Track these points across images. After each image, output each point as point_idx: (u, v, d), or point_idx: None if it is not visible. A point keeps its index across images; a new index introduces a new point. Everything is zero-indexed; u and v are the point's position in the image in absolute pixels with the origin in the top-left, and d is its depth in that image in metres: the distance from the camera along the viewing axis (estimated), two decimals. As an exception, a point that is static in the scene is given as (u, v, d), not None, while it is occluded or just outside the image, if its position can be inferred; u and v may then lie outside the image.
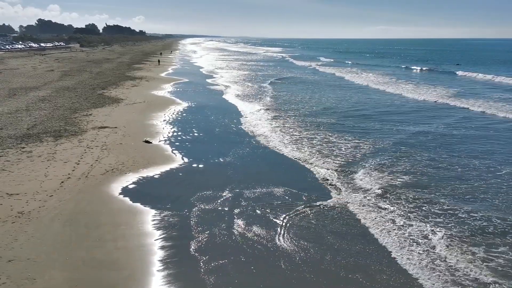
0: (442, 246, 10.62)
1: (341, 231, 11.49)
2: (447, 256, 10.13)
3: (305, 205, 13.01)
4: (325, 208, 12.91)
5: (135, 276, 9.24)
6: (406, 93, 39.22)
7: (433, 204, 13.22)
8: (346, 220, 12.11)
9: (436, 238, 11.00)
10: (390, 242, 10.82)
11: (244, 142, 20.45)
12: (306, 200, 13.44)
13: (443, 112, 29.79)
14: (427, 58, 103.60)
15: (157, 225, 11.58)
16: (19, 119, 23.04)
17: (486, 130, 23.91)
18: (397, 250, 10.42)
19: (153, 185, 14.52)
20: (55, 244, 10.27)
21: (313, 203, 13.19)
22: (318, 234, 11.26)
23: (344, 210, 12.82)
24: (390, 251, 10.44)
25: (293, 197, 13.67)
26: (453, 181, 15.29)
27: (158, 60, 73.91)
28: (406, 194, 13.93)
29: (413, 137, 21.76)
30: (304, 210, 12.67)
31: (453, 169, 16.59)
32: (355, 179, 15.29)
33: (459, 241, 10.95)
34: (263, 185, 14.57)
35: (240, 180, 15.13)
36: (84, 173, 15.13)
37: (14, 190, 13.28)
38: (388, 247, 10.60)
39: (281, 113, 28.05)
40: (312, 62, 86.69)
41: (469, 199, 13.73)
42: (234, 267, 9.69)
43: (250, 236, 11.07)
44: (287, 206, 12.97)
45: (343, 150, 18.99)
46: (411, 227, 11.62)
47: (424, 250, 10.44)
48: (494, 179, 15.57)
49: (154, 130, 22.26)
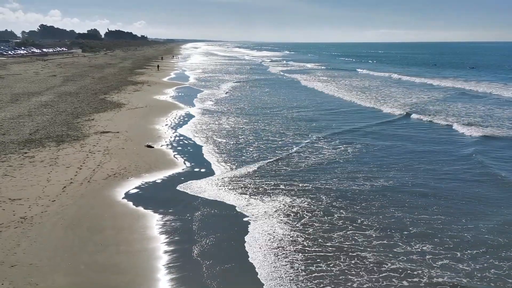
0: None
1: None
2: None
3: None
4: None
5: (138, 280, 9.22)
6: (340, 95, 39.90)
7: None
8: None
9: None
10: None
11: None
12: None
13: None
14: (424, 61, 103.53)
15: (159, 230, 11.58)
16: (21, 125, 23.11)
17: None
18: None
19: (156, 189, 14.52)
20: (57, 249, 10.26)
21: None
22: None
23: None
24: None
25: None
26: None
27: (158, 66, 71.23)
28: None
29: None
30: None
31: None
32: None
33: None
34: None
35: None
36: (87, 178, 15.14)
37: (16, 195, 13.29)
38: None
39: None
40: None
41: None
42: (237, 270, 9.69)
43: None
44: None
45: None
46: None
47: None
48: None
49: (156, 135, 22.30)
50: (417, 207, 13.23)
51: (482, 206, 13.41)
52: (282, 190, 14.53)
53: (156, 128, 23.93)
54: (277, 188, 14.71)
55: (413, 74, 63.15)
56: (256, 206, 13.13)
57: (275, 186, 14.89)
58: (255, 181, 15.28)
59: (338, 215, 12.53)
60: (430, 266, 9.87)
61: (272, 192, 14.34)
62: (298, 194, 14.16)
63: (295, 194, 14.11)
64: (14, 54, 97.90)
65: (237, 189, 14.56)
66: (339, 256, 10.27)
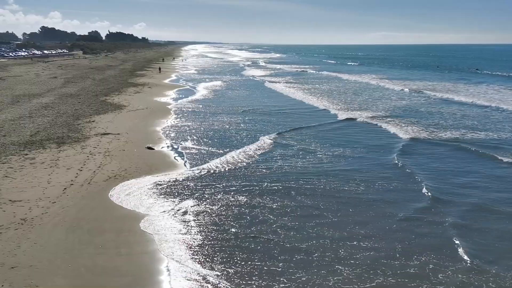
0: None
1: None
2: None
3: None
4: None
5: (138, 283, 9.20)
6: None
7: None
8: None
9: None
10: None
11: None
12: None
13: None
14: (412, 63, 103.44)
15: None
16: (22, 126, 23.12)
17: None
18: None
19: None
20: (57, 250, 10.24)
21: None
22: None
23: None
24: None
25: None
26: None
27: (159, 68, 70.97)
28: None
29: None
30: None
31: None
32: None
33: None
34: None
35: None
36: (87, 179, 15.13)
37: (17, 197, 13.28)
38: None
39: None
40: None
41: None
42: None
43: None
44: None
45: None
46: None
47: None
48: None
49: (157, 137, 22.30)
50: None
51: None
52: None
53: (156, 130, 23.94)
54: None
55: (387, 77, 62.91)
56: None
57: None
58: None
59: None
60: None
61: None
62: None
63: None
64: (15, 56, 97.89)
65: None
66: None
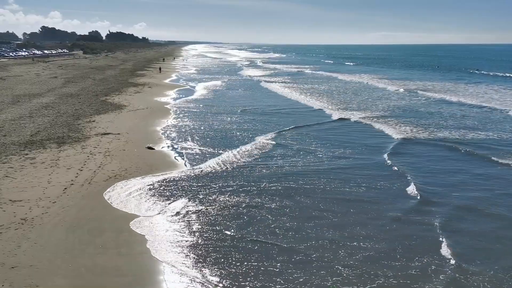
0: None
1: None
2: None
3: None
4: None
5: (139, 282, 9.19)
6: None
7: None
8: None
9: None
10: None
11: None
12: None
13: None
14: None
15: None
16: (22, 126, 23.12)
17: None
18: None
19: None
20: (58, 250, 10.24)
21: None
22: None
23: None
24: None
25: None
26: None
27: (160, 68, 70.91)
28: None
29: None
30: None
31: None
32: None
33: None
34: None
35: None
36: (87, 179, 15.13)
37: (17, 196, 13.28)
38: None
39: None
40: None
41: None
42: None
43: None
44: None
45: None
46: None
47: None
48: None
49: (157, 137, 22.30)
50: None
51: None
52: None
53: (157, 130, 23.93)
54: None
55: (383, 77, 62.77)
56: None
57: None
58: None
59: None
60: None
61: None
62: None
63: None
64: (16, 56, 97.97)
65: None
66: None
